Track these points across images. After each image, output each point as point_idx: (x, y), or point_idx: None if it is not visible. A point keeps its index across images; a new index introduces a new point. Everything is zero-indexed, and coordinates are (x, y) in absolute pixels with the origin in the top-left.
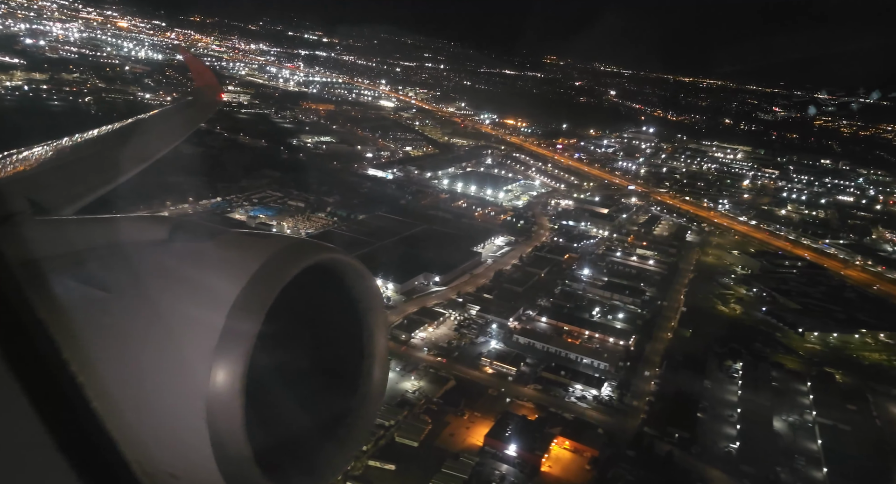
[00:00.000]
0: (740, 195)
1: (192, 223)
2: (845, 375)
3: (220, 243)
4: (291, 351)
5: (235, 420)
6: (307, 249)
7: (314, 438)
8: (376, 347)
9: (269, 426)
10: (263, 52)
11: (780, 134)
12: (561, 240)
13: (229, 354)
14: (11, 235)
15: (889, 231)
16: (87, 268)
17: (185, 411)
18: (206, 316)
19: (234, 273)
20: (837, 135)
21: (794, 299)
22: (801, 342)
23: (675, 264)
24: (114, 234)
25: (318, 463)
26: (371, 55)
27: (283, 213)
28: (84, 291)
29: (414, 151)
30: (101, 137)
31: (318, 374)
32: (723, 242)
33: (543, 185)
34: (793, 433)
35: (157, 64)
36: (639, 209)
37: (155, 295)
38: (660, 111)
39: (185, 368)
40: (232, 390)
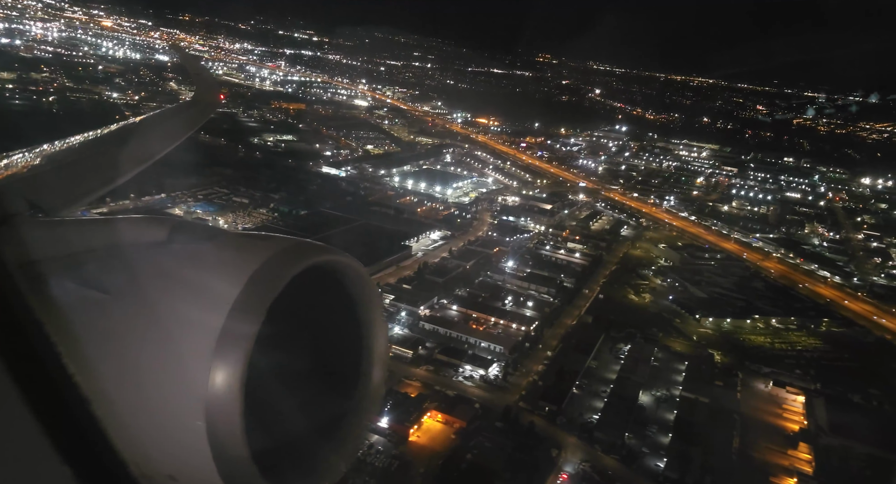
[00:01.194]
0: (690, 192)
1: (190, 224)
2: (725, 355)
3: (218, 244)
4: (290, 352)
5: (234, 422)
6: (306, 250)
7: (313, 439)
8: (375, 349)
9: (268, 428)
10: (247, 51)
11: (755, 132)
12: (495, 234)
13: (228, 355)
14: (10, 237)
15: (822, 226)
16: (86, 269)
17: (183, 413)
18: (205, 317)
19: (233, 274)
20: (813, 133)
21: (703, 289)
22: (695, 327)
23: (599, 257)
24: (112, 236)
25: (317, 464)
26: (359, 54)
27: (226, 209)
28: (82, 293)
29: (375, 150)
30: (101, 138)
31: (316, 375)
32: (657, 236)
33: (497, 183)
34: (656, 406)
35: (133, 63)
36: (583, 205)
37: (153, 296)
38: (640, 110)
39: (184, 369)
40: (231, 392)
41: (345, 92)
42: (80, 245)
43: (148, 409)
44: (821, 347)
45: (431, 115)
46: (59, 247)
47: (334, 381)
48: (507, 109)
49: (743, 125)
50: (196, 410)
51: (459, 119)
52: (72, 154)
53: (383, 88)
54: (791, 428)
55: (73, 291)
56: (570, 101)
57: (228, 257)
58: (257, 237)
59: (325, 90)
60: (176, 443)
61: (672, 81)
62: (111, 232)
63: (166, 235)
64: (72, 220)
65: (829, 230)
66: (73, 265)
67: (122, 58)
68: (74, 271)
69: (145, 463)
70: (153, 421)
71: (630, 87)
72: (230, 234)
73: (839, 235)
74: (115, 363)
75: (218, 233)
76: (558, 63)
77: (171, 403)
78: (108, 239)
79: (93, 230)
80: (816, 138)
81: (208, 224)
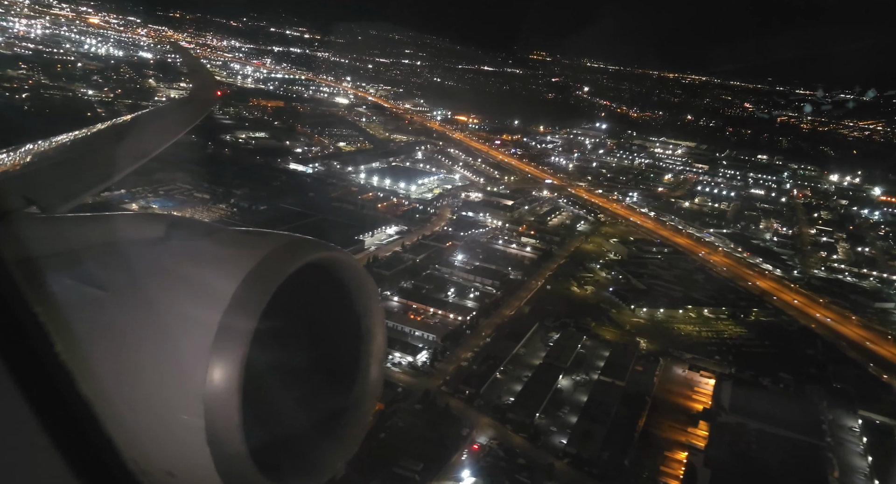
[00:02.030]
0: (655, 189)
1: (188, 221)
2: (651, 343)
3: (216, 241)
4: (288, 349)
5: (232, 418)
6: (304, 246)
7: (311, 435)
8: (373, 345)
9: (266, 424)
10: (234, 48)
11: (736, 130)
12: (451, 229)
13: (226, 352)
14: (6, 233)
15: (777, 221)
16: (83, 266)
17: (181, 409)
18: (203, 314)
19: (231, 271)
20: (795, 131)
21: (644, 281)
22: (629, 317)
23: (550, 251)
24: (110, 232)
25: (315, 461)
26: (350, 52)
27: (185, 205)
28: (80, 289)
29: (347, 147)
30: (98, 135)
31: (315, 371)
32: (613, 231)
33: (464, 179)
34: (573, 389)
35: (115, 61)
36: (545, 202)
37: (151, 293)
38: (624, 108)
39: (182, 365)
40: (228, 388)
41: (327, 89)
42: (77, 242)
43: (146, 405)
44: (745, 334)
45: (411, 113)
46: (56, 243)
47: (333, 377)
48: (489, 107)
49: (726, 123)
50: (194, 407)
51: (439, 117)
52: (69, 150)
53: (367, 86)
54: (696, 408)
55: (71, 288)
56: (555, 99)
57: (226, 254)
58: (255, 234)
59: (308, 88)
60: (174, 439)
61: (665, 79)
62: (108, 228)
63: (163, 232)
64: (69, 216)
65: (784, 226)
66: (70, 262)
67: (104, 55)
68: (71, 268)
69: (143, 459)
70: (151, 417)
71: (620, 85)
72: (228, 230)
73: (792, 231)
74: (113, 360)
75: (215, 229)
76: (553, 61)
77: (169, 399)
78: (106, 236)
79: (90, 227)
80: (797, 136)
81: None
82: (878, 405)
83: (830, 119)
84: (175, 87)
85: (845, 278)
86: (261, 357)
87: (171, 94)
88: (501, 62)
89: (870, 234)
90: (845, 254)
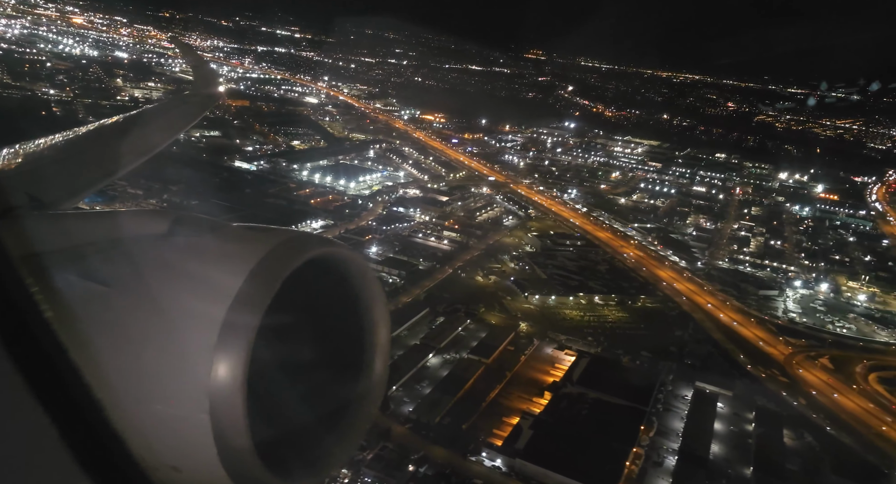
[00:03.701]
0: (598, 186)
1: (192, 217)
2: (532, 326)
3: (220, 237)
4: (293, 344)
5: (237, 413)
6: (308, 242)
7: (316, 430)
8: (378, 340)
9: (271, 419)
10: (216, 48)
11: (709, 129)
12: (375, 223)
13: (231, 347)
14: (10, 230)
15: (704, 217)
16: (87, 262)
17: (186, 405)
18: (207, 310)
19: (235, 267)
20: (770, 130)
21: (548, 271)
22: (521, 303)
23: (466, 243)
24: (113, 229)
25: (320, 455)
26: (338, 51)
27: (115, 200)
28: (84, 286)
29: (300, 145)
30: (100, 131)
31: (319, 367)
32: (539, 225)
33: (409, 176)
34: (440, 365)
35: (88, 60)
36: (482, 197)
37: (155, 289)
38: (601, 107)
39: (187, 361)
40: (233, 384)
41: (300, 89)
42: (81, 238)
43: (151, 400)
44: (626, 319)
45: (379, 112)
46: (59, 240)
47: (337, 372)
48: (462, 106)
49: (701, 122)
50: (199, 402)
51: (406, 116)
52: (71, 147)
53: (343, 86)
54: (548, 381)
55: (75, 285)
56: (535, 99)
57: (230, 250)
58: (259, 229)
59: (280, 87)
60: (179, 434)
61: (657, 78)
62: (112, 225)
63: (167, 228)
64: (72, 213)
65: (709, 221)
66: (73, 259)
67: (77, 55)
68: (75, 264)
69: (149, 454)
70: (156, 412)
71: (608, 84)
72: (232, 226)
73: (715, 225)
74: (118, 356)
75: (219, 225)
76: (546, 60)
77: (175, 394)
78: (109, 232)
79: (93, 223)
80: (769, 135)
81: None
82: (714, 378)
83: (809, 118)
84: (141, 86)
85: (744, 269)
86: (265, 352)
87: (135, 93)
88: (493, 61)
89: (790, 229)
90: (757, 247)
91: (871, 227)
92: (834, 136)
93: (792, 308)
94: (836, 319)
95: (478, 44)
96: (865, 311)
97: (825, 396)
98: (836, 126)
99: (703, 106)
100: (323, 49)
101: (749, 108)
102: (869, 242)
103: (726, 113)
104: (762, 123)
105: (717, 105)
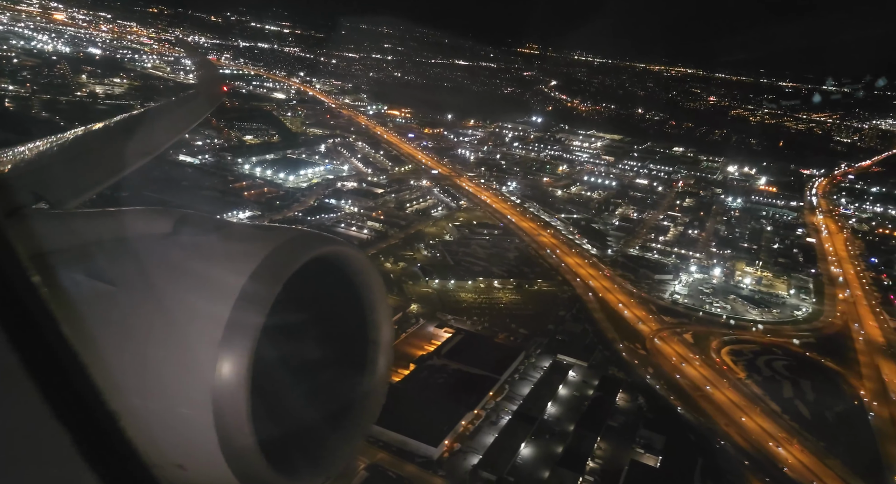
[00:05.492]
0: (541, 178)
1: (196, 216)
2: (424, 307)
3: (224, 236)
4: (297, 342)
5: (241, 411)
6: (311, 240)
7: (319, 428)
8: (381, 338)
9: (275, 417)
10: (198, 44)
11: (678, 123)
12: (300, 214)
13: (235, 345)
14: (17, 229)
15: (634, 208)
16: (93, 261)
17: (191, 403)
18: (212, 308)
19: (239, 265)
20: (744, 124)
21: (458, 258)
22: (421, 287)
23: (385, 232)
24: (118, 228)
25: (324, 453)
26: (325, 47)
27: None
28: (89, 284)
29: (253, 140)
30: (105, 131)
31: (323, 364)
32: (466, 216)
33: (353, 170)
34: None
35: (59, 57)
36: (418, 190)
37: (160, 288)
38: (576, 101)
39: (191, 360)
40: (238, 382)
41: (271, 85)
42: (87, 237)
43: (156, 399)
44: (518, 301)
45: (345, 108)
46: (65, 239)
47: (341, 369)
48: (433, 102)
49: (674, 116)
50: (203, 400)
51: (372, 111)
52: (77, 147)
53: (317, 82)
54: (418, 354)
55: (81, 283)
56: (512, 94)
57: (234, 249)
58: (263, 228)
59: (250, 83)
60: (184, 432)
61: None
62: (117, 224)
63: (172, 227)
64: (78, 212)
65: (638, 212)
66: (79, 257)
67: (49, 51)
68: (80, 263)
69: (154, 452)
70: (161, 411)
71: (594, 79)
72: (236, 225)
73: (642, 216)
74: (123, 354)
75: (223, 224)
76: (540, 54)
77: (179, 392)
78: (114, 231)
79: (98, 222)
80: (741, 128)
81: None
82: (577, 351)
83: (785, 112)
84: (105, 83)
85: (651, 256)
86: (270, 351)
87: (96, 89)
88: (482, 56)
89: (714, 219)
90: (674, 236)
91: (793, 217)
92: (804, 130)
93: (679, 291)
94: (716, 300)
95: (474, 39)
96: (749, 293)
97: (673, 365)
98: (809, 120)
99: (683, 100)
100: (309, 45)
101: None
102: (784, 232)
103: (704, 107)
104: (738, 117)
105: (698, 99)
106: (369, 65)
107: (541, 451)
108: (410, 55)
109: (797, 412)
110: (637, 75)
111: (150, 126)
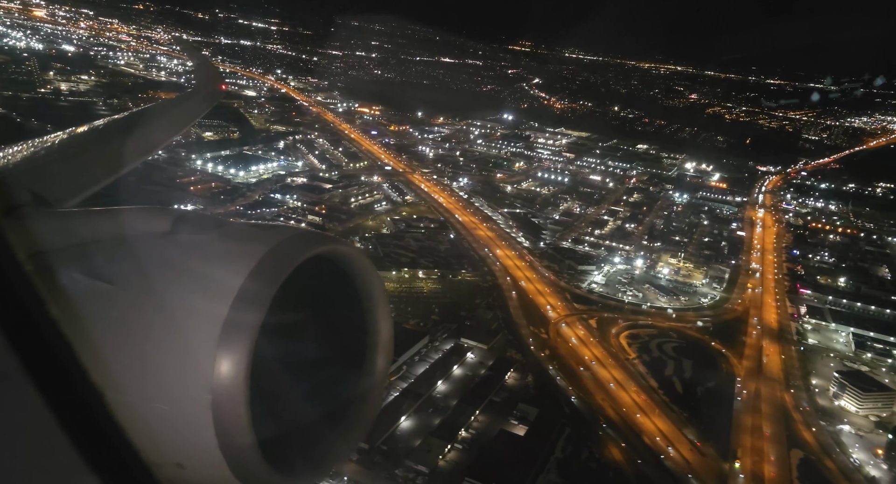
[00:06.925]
0: (495, 175)
1: (194, 215)
2: None
3: (222, 234)
4: (295, 341)
5: (240, 410)
6: (310, 239)
7: (318, 427)
8: (380, 336)
9: (275, 416)
10: (178, 40)
11: (651, 120)
12: (241, 208)
13: (233, 344)
14: (15, 228)
15: (578, 203)
16: (91, 260)
17: (189, 402)
18: (210, 307)
19: (237, 264)
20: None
21: (388, 250)
22: None
23: (322, 226)
24: (117, 227)
25: (322, 452)
26: (307, 44)
27: None
28: (88, 283)
29: (212, 136)
30: (104, 129)
31: (322, 363)
32: (410, 210)
33: (307, 165)
34: None
35: (30, 54)
36: (367, 185)
37: (158, 287)
38: (553, 99)
39: (190, 358)
40: (236, 381)
41: (243, 82)
42: (85, 236)
43: (155, 398)
44: (439, 290)
45: (315, 105)
46: (64, 238)
47: (339, 368)
48: (406, 99)
49: (647, 113)
50: (202, 399)
51: (341, 108)
52: (75, 146)
53: (291, 79)
54: None
55: (79, 282)
56: (490, 91)
57: (232, 247)
58: (261, 227)
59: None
60: (183, 431)
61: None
62: (115, 223)
63: (170, 226)
64: (75, 211)
65: (581, 207)
66: (78, 256)
67: (21, 48)
68: (79, 262)
69: (153, 451)
70: (160, 409)
71: (577, 77)
72: (234, 224)
73: (584, 211)
74: (122, 353)
75: (222, 223)
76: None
77: (178, 391)
78: (112, 230)
79: (96, 221)
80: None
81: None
82: (480, 335)
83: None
84: (72, 80)
85: (581, 248)
86: (268, 350)
87: (61, 86)
88: (472, 53)
89: (655, 214)
90: (610, 229)
91: (732, 212)
92: (776, 127)
93: (598, 280)
94: (630, 289)
95: (466, 36)
96: (665, 283)
97: (570, 348)
98: (784, 117)
99: (664, 98)
100: (294, 42)
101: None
102: (719, 226)
103: (683, 105)
104: (714, 115)
105: (679, 97)
106: (351, 63)
107: (421, 423)
108: (396, 53)
109: (671, 388)
110: (624, 73)
111: (148, 124)
